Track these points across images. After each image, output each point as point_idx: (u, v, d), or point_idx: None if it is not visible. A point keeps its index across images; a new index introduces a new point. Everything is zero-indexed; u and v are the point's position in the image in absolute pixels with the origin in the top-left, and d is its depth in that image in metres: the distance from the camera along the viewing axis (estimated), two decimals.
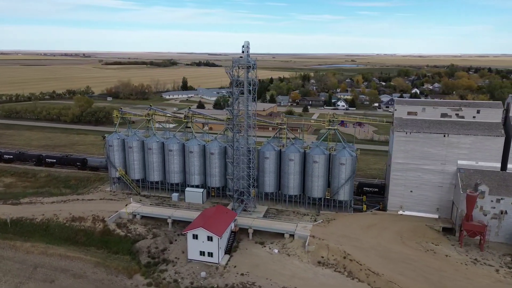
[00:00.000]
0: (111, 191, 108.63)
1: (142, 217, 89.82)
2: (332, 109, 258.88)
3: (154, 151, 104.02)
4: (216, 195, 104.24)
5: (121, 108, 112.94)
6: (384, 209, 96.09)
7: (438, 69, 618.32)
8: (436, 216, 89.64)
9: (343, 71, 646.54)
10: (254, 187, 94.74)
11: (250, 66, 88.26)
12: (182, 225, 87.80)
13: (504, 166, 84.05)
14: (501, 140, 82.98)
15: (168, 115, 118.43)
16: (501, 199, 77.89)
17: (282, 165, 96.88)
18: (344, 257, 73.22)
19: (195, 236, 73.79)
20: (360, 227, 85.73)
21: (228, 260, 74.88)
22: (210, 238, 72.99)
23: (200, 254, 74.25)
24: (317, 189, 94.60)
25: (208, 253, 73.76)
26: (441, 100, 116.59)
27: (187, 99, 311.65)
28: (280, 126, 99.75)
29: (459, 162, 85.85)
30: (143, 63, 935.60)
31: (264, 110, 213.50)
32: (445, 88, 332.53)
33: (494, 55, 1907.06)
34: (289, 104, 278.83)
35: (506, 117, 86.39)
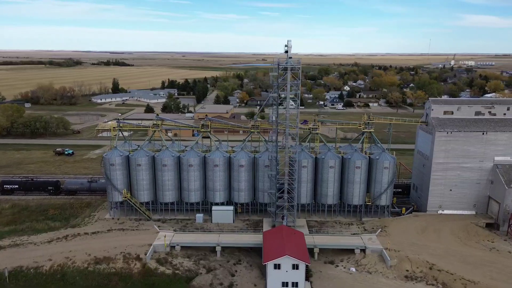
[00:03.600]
0: (113, 218, 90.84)
1: (182, 247, 75.83)
2: (283, 108, 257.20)
3: (169, 168, 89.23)
4: (242, 212, 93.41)
5: (118, 119, 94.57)
6: (418, 210, 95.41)
7: (349, 67, 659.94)
8: (473, 212, 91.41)
9: (256, 69, 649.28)
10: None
11: (294, 68, 79.78)
12: (228, 251, 76.23)
13: None
14: None
15: (181, 123, 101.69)
16: None
17: (320, 173, 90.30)
18: (430, 268, 69.73)
19: (277, 266, 63.71)
20: (416, 232, 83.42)
21: None
22: (295, 267, 63.60)
23: (283, 286, 64.38)
24: (358, 195, 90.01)
25: (293, 283, 64.26)
26: (474, 98, 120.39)
27: (123, 103, 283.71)
28: (313, 131, 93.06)
29: (496, 158, 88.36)
30: (40, 62, 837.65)
31: (227, 112, 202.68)
32: (373, 85, 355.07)
33: (381, 54, 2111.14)
34: (238, 105, 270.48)
35: None
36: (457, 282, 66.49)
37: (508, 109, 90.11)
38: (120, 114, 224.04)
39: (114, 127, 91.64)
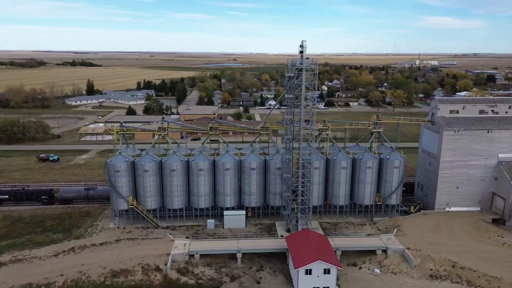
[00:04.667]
0: (118, 227, 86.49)
1: (201, 255, 72.95)
2: (265, 108, 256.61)
3: (178, 172, 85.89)
4: (252, 216, 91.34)
5: (121, 123, 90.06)
6: (424, 208, 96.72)
7: (322, 67, 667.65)
8: (478, 208, 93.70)
9: (229, 69, 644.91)
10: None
11: (311, 69, 78.61)
12: (248, 257, 74.12)
13: None
14: None
15: (189, 126, 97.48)
16: None
17: (331, 174, 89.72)
18: (453, 266, 70.47)
19: (309, 271, 62.33)
20: (429, 230, 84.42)
21: None
22: (327, 271, 62.50)
23: None
24: (369, 196, 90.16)
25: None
26: (478, 97, 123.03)
27: (100, 105, 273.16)
28: (323, 132, 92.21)
29: (500, 155, 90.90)
30: (0, 63, 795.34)
31: (214, 114, 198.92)
32: (350, 84, 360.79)
33: (348, 54, 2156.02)
34: (220, 105, 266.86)
35: None
36: (481, 279, 67.50)
37: (509, 107, 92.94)
38: (100, 117, 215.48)
39: (117, 131, 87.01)
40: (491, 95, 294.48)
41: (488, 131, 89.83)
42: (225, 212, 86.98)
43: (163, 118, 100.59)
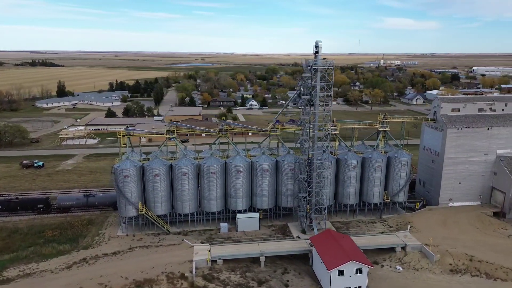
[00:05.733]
0: (127, 235, 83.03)
1: (224, 261, 71.21)
2: (247, 109, 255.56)
3: (190, 176, 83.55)
4: (263, 218, 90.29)
5: (127, 126, 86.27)
6: (427, 204, 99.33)
7: (294, 67, 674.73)
8: (478, 203, 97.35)
9: (199, 69, 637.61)
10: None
11: (326, 69, 78.72)
12: (269, 260, 73.15)
13: None
14: None
15: (198, 129, 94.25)
16: None
17: (342, 174, 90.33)
18: (471, 260, 72.70)
19: (341, 272, 62.27)
20: (439, 225, 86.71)
21: None
22: (359, 271, 62.68)
23: None
24: (378, 194, 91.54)
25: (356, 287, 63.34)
26: (478, 96, 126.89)
27: (73, 107, 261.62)
28: (334, 132, 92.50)
29: (499, 151, 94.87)
30: None
31: (199, 115, 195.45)
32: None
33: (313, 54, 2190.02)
34: (201, 106, 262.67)
35: None
36: (499, 271, 70.06)
37: (506, 105, 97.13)
38: (78, 120, 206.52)
39: (123, 135, 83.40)
40: (459, 93, 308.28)
41: (488, 128, 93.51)
42: (239, 215, 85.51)
43: (171, 120, 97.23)
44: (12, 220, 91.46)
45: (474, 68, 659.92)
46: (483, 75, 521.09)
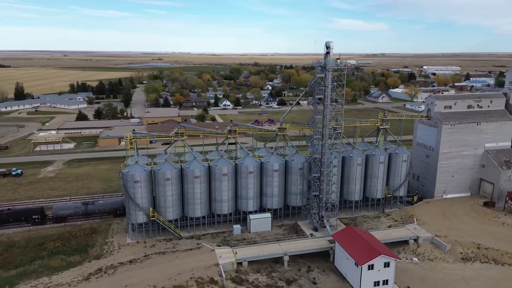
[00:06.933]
0: (138, 242, 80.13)
1: (248, 262, 70.72)
2: (221, 109, 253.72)
3: (202, 179, 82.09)
4: (273, 217, 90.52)
5: (134, 130, 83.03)
6: (422, 197, 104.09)
7: (257, 67, 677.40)
8: (469, 194, 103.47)
9: (156, 69, 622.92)
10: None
11: (340, 69, 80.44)
12: (291, 260, 73.62)
13: None
14: None
15: (208, 131, 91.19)
16: None
17: (347, 171, 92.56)
18: (478, 248, 77.26)
19: (371, 267, 63.97)
20: (439, 217, 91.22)
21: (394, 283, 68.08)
22: (387, 264, 64.72)
23: (375, 285, 64.93)
24: (380, 189, 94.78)
25: (384, 281, 65.26)
26: (466, 93, 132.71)
27: (36, 110, 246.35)
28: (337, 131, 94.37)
29: (486, 145, 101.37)
30: None
31: (179, 116, 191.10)
32: (293, 84, 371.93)
33: (271, 54, 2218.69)
34: (173, 106, 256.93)
35: (506, 105, 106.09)
36: (505, 257, 75.08)
37: (491, 102, 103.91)
38: (47, 124, 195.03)
39: (130, 140, 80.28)
40: (421, 91, 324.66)
41: (477, 124, 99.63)
42: (251, 216, 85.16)
43: (178, 122, 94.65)
44: (5, 233, 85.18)
45: (424, 67, 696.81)
46: (433, 74, 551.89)
